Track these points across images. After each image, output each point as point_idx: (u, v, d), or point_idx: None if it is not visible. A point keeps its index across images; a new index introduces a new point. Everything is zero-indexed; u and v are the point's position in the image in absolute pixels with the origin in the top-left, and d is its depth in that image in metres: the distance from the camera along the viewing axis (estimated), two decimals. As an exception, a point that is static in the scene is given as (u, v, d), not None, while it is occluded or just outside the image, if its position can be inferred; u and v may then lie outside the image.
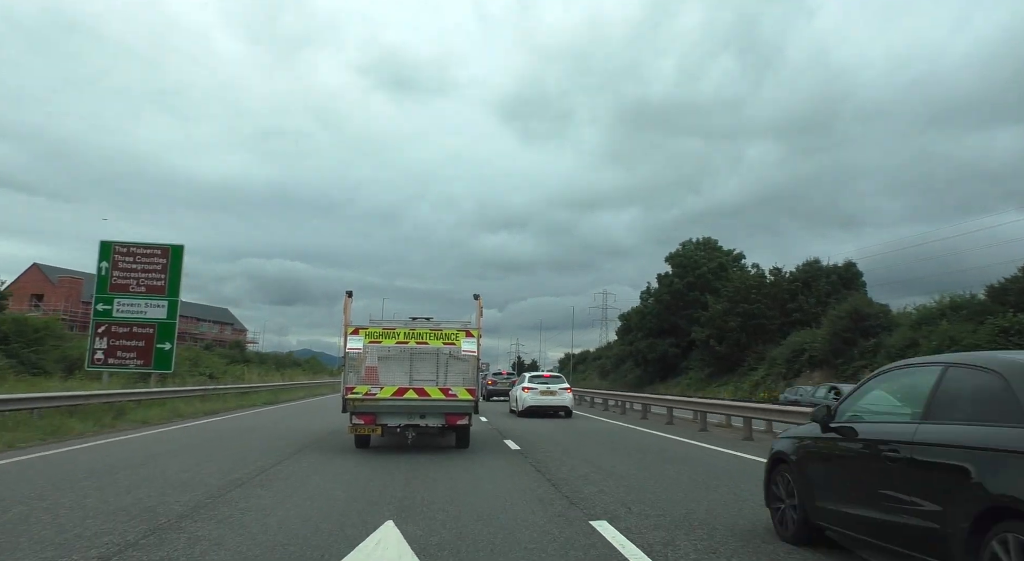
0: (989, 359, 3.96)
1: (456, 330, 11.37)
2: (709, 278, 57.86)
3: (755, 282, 47.99)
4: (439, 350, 11.48)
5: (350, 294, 11.95)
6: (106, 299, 25.50)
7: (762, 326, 45.44)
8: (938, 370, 4.21)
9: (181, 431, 15.04)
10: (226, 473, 8.49)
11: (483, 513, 6.17)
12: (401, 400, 11.10)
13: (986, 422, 3.65)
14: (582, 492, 7.37)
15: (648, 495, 7.26)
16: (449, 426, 11.36)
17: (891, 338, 30.10)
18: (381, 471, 8.99)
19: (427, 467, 9.38)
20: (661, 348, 57.97)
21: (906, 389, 4.64)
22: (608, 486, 7.80)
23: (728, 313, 46.68)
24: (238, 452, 10.92)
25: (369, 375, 11.55)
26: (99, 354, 25.06)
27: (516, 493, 7.30)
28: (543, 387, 23.88)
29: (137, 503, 6.49)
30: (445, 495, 7.11)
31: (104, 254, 25.17)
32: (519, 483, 8.01)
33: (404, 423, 11.29)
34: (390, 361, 11.63)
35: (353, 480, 8.16)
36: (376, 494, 7.18)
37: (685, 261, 59.76)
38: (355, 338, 11.16)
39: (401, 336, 11.33)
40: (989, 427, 3.60)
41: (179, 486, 7.48)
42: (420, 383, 11.42)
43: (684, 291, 58.23)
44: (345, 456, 10.54)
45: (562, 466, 9.72)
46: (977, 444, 3.59)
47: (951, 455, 3.72)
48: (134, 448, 11.49)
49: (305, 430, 15.33)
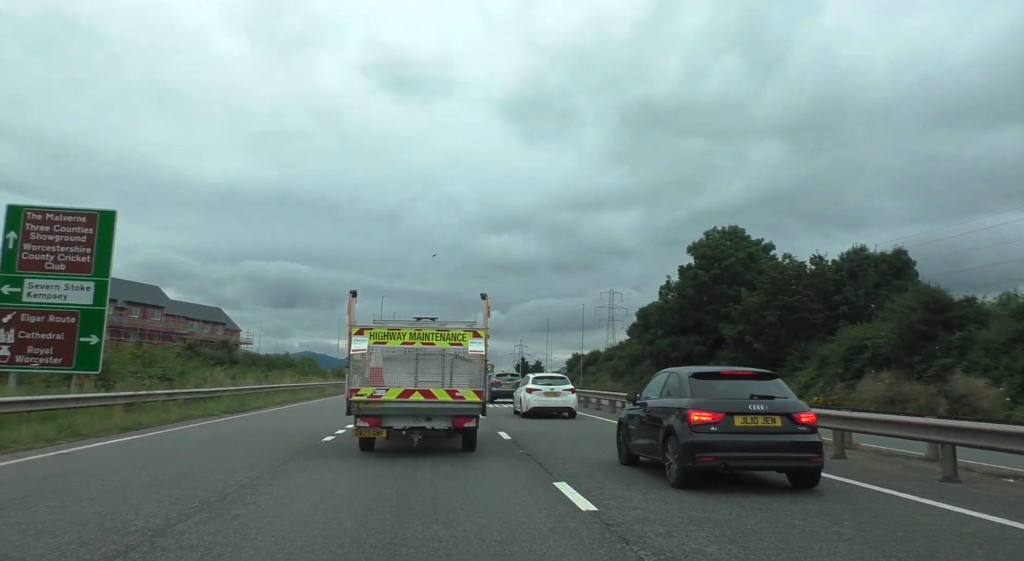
0: (677, 369, 10.32)
1: (463, 330, 11.35)
2: (738, 269, 52.01)
3: (794, 272, 43.49)
4: (445, 351, 11.42)
5: (354, 294, 11.97)
6: (13, 279, 20.84)
7: (805, 320, 40.79)
8: (666, 374, 10.36)
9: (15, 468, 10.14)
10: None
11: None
12: (407, 402, 11.06)
13: (674, 397, 9.33)
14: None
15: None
16: (456, 428, 11.48)
17: (988, 331, 25.91)
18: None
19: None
20: (685, 346, 52.12)
21: (658, 383, 10.50)
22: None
23: (765, 306, 42.07)
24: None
25: (374, 377, 11.43)
26: (3, 350, 20.04)
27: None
28: (547, 388, 24.18)
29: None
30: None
31: (12, 222, 19.62)
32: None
33: (410, 425, 11.25)
34: (395, 362, 11.51)
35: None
36: None
37: (709, 252, 53.88)
38: (359, 339, 11.23)
39: (407, 337, 11.33)
40: (675, 398, 9.25)
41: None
42: (426, 385, 11.34)
43: (710, 284, 52.36)
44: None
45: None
46: (669, 406, 9.23)
47: (661, 412, 9.42)
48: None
49: (218, 473, 10.20)
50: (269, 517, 6.28)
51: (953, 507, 7.52)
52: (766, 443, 8.49)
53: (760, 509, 7.23)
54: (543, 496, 7.80)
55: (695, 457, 8.32)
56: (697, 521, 6.47)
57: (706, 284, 53.32)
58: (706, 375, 9.36)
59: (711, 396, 8.81)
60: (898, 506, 7.59)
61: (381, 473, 9.27)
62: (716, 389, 9.03)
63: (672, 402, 9.29)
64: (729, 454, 8.35)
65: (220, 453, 11.53)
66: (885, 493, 8.51)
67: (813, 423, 8.73)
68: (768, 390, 8.99)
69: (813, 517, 6.86)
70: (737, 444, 8.40)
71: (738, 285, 49.09)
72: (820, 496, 8.19)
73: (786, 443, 8.50)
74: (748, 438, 8.46)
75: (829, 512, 7.20)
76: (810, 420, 8.67)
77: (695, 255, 55.96)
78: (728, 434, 8.43)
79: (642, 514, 6.83)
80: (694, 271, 54.34)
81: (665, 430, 9.05)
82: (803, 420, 8.63)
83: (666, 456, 8.95)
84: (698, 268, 54.07)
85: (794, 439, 8.50)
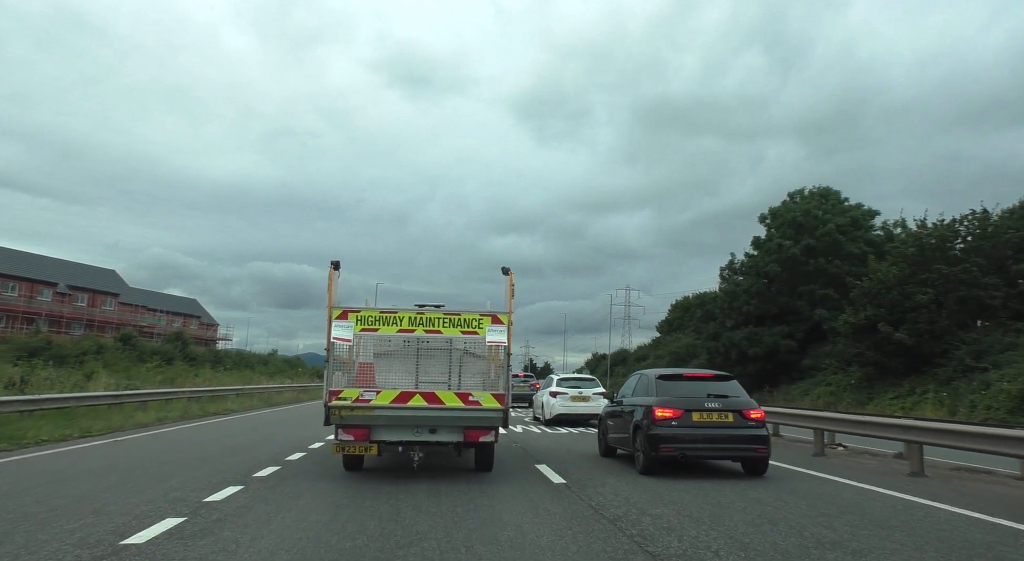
0: (647, 371, 12.61)
1: (479, 315, 9.64)
2: (838, 239, 38.24)
3: (949, 232, 33.33)
4: (455, 341, 10.06)
5: (336, 266, 9.95)
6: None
7: (976, 300, 31.29)
8: (638, 376, 12.68)
9: None
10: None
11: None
12: (404, 409, 9.24)
13: (643, 395, 11.56)
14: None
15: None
16: (468, 443, 9.71)
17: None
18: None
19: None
20: (769, 340, 38.51)
21: (631, 383, 12.77)
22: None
23: (908, 281, 32.15)
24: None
25: (362, 375, 9.72)
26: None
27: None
28: (574, 391, 21.85)
29: None
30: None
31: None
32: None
33: (409, 439, 9.58)
34: (390, 356, 10.17)
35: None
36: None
37: (799, 218, 40.13)
38: (342, 324, 9.23)
39: (405, 322, 9.47)
40: (643, 397, 11.45)
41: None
42: (430, 385, 9.81)
43: (801, 259, 38.40)
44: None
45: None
46: (637, 403, 11.36)
47: (632, 409, 11.47)
48: None
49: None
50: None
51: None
52: (720, 436, 10.56)
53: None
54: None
55: (659, 448, 10.44)
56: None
57: (796, 259, 39.62)
58: (671, 377, 11.50)
59: (673, 395, 10.89)
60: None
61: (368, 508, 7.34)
62: (679, 389, 11.08)
63: (641, 400, 11.38)
64: (688, 445, 10.43)
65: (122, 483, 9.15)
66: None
67: (762, 419, 10.74)
68: (724, 390, 11.03)
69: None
70: (695, 437, 10.48)
71: (840, 260, 41.33)
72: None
73: (737, 436, 10.50)
74: (704, 431, 10.53)
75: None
76: (759, 416, 10.71)
77: (773, 224, 42.50)
78: (687, 428, 10.48)
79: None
80: (777, 242, 40.33)
81: (634, 425, 11.13)
82: (752, 416, 10.61)
83: (635, 447, 11.13)
84: (781, 238, 40.09)
85: (744, 432, 10.51)
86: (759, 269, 45.97)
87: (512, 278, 10.12)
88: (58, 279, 69.50)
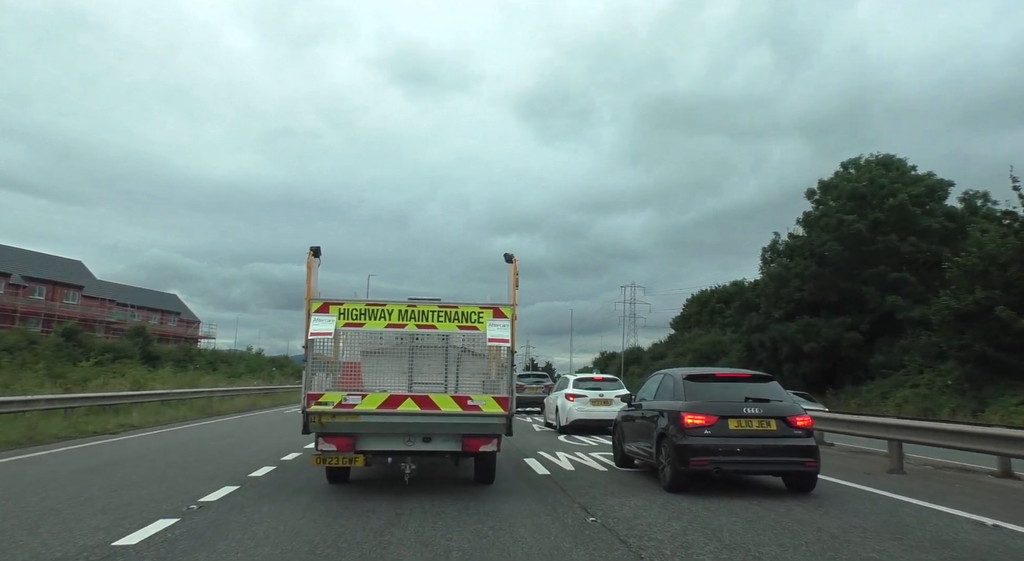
0: (672, 370, 11.39)
1: (478, 307, 8.94)
2: (914, 213, 30.69)
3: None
4: (451, 337, 9.26)
5: (316, 253, 9.17)
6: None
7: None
8: (661, 375, 11.56)
9: None
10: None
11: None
12: (395, 414, 8.47)
13: (667, 398, 10.51)
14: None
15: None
16: (466, 453, 9.12)
17: None
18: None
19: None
20: (829, 333, 30.87)
21: (652, 384, 11.70)
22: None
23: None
24: None
25: (346, 376, 8.98)
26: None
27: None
28: (594, 394, 19.01)
29: None
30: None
31: None
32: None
33: (399, 449, 8.91)
34: (378, 355, 9.34)
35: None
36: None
37: (860, 188, 32.79)
38: (323, 318, 8.37)
39: (394, 316, 8.67)
40: (669, 400, 10.35)
41: None
42: (424, 388, 9.02)
43: (867, 236, 30.83)
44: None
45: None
46: (661, 408, 10.26)
47: (653, 415, 10.46)
48: None
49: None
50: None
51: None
52: (761, 447, 9.41)
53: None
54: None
55: (689, 460, 9.35)
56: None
57: (860, 236, 32.18)
58: (701, 377, 10.41)
59: (704, 398, 9.79)
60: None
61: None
62: (710, 391, 9.98)
63: (665, 404, 10.33)
64: (723, 458, 9.28)
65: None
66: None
67: (809, 427, 9.75)
68: (763, 393, 9.96)
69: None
70: (731, 448, 9.34)
71: (916, 237, 35.65)
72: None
73: (781, 447, 9.37)
74: (743, 441, 9.41)
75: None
76: (806, 424, 9.76)
77: (829, 196, 34.82)
78: (722, 437, 9.34)
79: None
80: (837, 218, 32.87)
81: (659, 433, 10.13)
82: (799, 424, 9.60)
83: (660, 459, 10.10)
84: (839, 211, 32.68)
85: (790, 443, 9.39)
86: (812, 249, 39.05)
87: (516, 266, 9.51)
88: (13, 269, 63.41)
